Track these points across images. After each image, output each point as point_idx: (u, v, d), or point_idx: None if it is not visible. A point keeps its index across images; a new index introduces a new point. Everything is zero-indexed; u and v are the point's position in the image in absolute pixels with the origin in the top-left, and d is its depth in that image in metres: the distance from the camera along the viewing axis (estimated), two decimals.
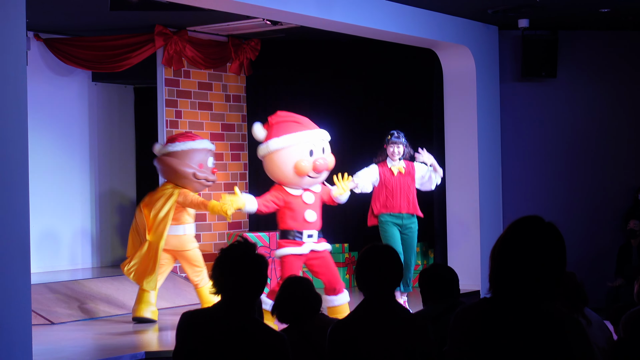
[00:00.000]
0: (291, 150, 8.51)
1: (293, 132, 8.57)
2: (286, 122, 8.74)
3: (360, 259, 4.19)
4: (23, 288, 6.10)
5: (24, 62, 6.29)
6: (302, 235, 8.55)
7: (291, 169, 8.45)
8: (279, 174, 8.58)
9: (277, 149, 8.52)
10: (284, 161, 8.49)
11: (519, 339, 2.92)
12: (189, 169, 9.31)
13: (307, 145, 8.54)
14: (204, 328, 3.66)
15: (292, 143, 8.52)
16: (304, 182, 8.55)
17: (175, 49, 11.24)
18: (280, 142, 8.52)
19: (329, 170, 8.71)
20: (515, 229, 3.04)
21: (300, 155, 8.48)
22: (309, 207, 8.60)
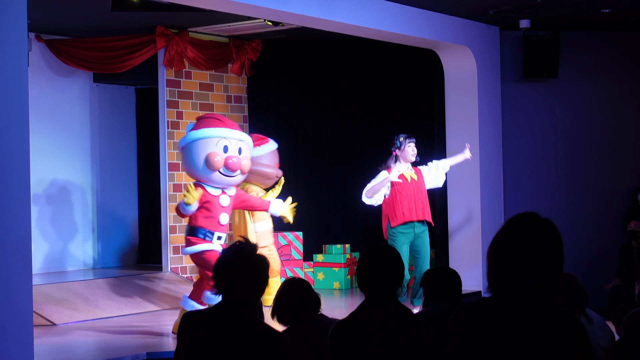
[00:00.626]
0: (205, 142, 8.44)
1: (211, 127, 8.53)
2: (208, 118, 8.77)
3: (361, 260, 4.20)
4: (24, 289, 6.10)
5: (26, 63, 6.29)
6: (212, 236, 8.49)
7: (202, 162, 8.38)
8: (191, 167, 8.51)
9: (192, 140, 8.48)
10: (197, 152, 8.42)
11: (518, 338, 2.91)
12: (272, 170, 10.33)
13: (222, 141, 8.47)
14: (205, 329, 3.66)
15: (207, 135, 8.45)
16: (214, 177, 8.43)
17: (176, 50, 11.24)
18: (196, 133, 8.48)
19: (243, 172, 8.61)
20: (511, 226, 3.02)
21: (213, 149, 8.41)
22: (224, 209, 8.58)
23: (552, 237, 3.00)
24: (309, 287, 4.97)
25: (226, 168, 8.40)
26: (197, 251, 8.44)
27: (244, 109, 12.31)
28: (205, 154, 8.38)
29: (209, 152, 8.38)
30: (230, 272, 3.70)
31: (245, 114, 12.33)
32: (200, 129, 8.52)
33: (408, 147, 9.51)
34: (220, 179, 8.47)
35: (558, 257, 2.99)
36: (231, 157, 8.43)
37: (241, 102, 12.27)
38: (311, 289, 4.96)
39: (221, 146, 8.45)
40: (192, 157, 8.47)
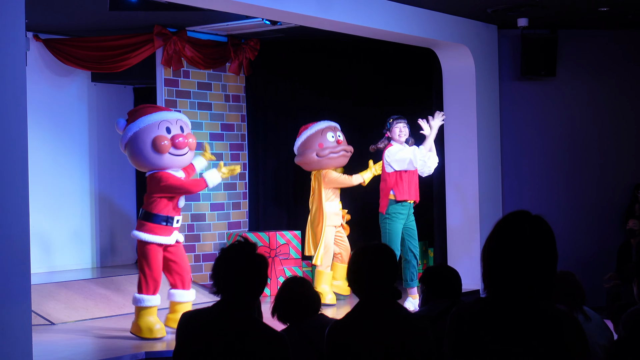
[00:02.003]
0: (147, 130, 8.43)
1: (146, 115, 8.54)
2: (140, 109, 8.77)
3: (353, 260, 4.15)
4: (23, 288, 6.09)
5: (24, 63, 6.28)
6: (173, 221, 8.54)
7: (150, 149, 8.37)
8: (141, 158, 8.48)
9: (134, 131, 8.47)
10: (143, 141, 8.41)
11: (515, 338, 2.91)
12: (312, 153, 10.66)
13: (162, 124, 8.49)
14: (204, 328, 3.66)
15: (146, 122, 8.45)
16: (165, 161, 8.42)
17: (174, 49, 11.23)
18: (136, 124, 8.48)
19: (192, 149, 8.63)
20: (503, 225, 3.02)
21: (157, 133, 8.41)
22: None
23: (544, 234, 3.00)
24: (310, 286, 4.98)
25: (175, 148, 8.42)
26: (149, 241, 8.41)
27: (242, 108, 12.31)
28: (150, 140, 8.38)
29: (153, 137, 8.38)
30: (229, 272, 3.70)
31: (243, 113, 12.32)
32: (138, 119, 8.51)
33: (395, 127, 9.84)
34: (171, 161, 8.48)
35: (551, 253, 2.99)
36: (177, 137, 8.44)
37: (239, 102, 12.26)
38: (312, 288, 4.97)
39: (163, 128, 8.46)
40: (139, 147, 8.43)
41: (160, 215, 8.48)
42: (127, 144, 8.57)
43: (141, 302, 8.43)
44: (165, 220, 8.48)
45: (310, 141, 10.79)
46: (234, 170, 9.13)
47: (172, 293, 8.71)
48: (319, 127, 10.88)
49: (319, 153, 10.67)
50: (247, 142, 12.34)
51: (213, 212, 11.80)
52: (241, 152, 12.26)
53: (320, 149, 10.69)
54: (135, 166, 8.84)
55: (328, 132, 10.84)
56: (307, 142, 10.81)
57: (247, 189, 12.33)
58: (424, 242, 12.11)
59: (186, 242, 11.32)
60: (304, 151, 10.81)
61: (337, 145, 10.81)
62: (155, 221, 8.47)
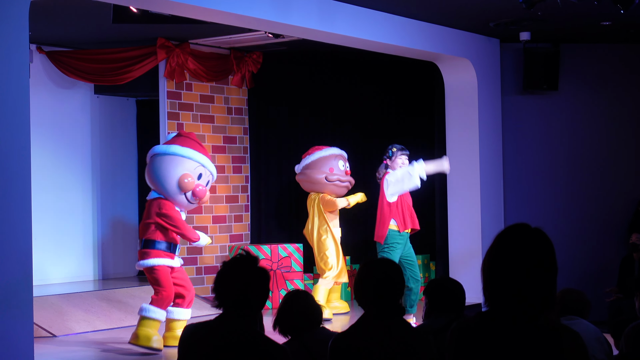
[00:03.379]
0: (185, 162, 8.58)
1: (194, 149, 8.69)
2: (192, 140, 8.89)
3: (360, 273, 4.16)
4: (25, 300, 6.10)
5: (27, 75, 6.30)
6: (176, 249, 8.71)
7: (175, 179, 8.49)
8: (160, 179, 8.56)
9: (173, 153, 8.59)
10: (174, 168, 8.53)
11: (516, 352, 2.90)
12: (320, 175, 10.75)
13: (199, 168, 8.68)
14: (206, 341, 3.65)
15: (190, 156, 8.61)
16: (178, 198, 8.59)
17: (177, 62, 11.26)
18: (180, 149, 8.61)
19: (203, 202, 8.88)
20: (503, 238, 3.02)
21: (191, 171, 8.58)
22: None
23: (544, 247, 2.99)
24: (312, 299, 4.97)
25: (193, 194, 8.57)
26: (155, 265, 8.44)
27: (244, 120, 12.32)
28: (181, 173, 8.50)
29: (185, 173, 8.51)
30: (231, 285, 3.70)
31: (245, 126, 12.34)
32: (185, 147, 8.63)
33: (399, 158, 9.66)
34: (182, 201, 8.63)
35: (551, 266, 2.98)
36: (200, 185, 8.60)
37: (242, 114, 12.28)
38: (313, 300, 4.96)
39: (197, 172, 8.63)
40: (167, 170, 8.54)
41: (163, 241, 8.54)
42: (155, 155, 8.67)
43: (147, 312, 8.40)
44: (168, 248, 8.56)
45: (321, 163, 10.84)
46: None
47: (170, 310, 8.67)
48: (332, 151, 10.96)
49: (329, 177, 10.75)
50: (249, 154, 12.35)
51: (215, 225, 11.80)
52: (243, 165, 12.27)
53: (330, 174, 10.76)
54: (147, 179, 8.82)
55: (340, 160, 10.93)
56: (318, 162, 10.85)
57: (249, 201, 12.34)
58: (425, 255, 12.11)
59: (188, 254, 11.34)
60: (312, 171, 10.83)
61: (345, 176, 10.90)
62: (158, 247, 8.52)
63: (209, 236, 11.66)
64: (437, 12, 10.07)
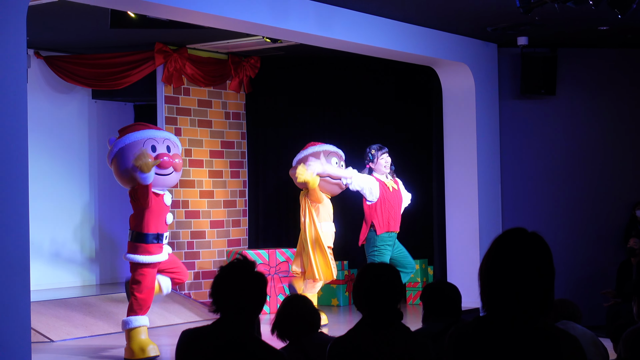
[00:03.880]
0: (132, 147, 8.32)
1: (134, 131, 8.49)
2: (130, 126, 8.74)
3: (359, 278, 4.16)
4: (22, 305, 6.09)
5: (25, 80, 6.30)
6: (162, 238, 8.43)
7: (132, 165, 8.18)
8: (124, 174, 8.37)
9: (119, 147, 8.39)
10: (127, 157, 8.29)
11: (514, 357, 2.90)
12: None
13: (148, 142, 8.39)
14: (203, 346, 3.65)
15: (132, 139, 8.37)
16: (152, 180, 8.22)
17: (175, 67, 11.26)
18: (121, 141, 8.41)
19: (177, 170, 8.50)
20: (500, 243, 3.02)
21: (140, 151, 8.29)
22: (167, 209, 8.54)
23: (541, 251, 2.99)
24: (310, 303, 4.97)
25: (158, 167, 8.26)
26: (145, 262, 8.29)
27: (242, 125, 12.33)
28: (133, 159, 8.21)
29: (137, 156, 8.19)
30: (228, 290, 3.69)
31: (243, 131, 12.34)
32: (125, 135, 8.44)
33: (381, 159, 9.57)
34: (158, 182, 8.32)
35: (548, 270, 2.98)
36: (161, 156, 8.31)
37: (239, 119, 12.29)
38: (312, 305, 4.96)
39: (148, 146, 8.34)
40: (123, 163, 8.30)
41: (151, 233, 8.33)
42: (113, 159, 8.47)
43: (129, 324, 8.27)
44: (156, 238, 8.36)
45: (313, 158, 10.55)
46: None
47: None
48: (327, 147, 10.61)
49: (319, 173, 10.45)
50: (247, 159, 12.35)
51: (213, 230, 11.80)
52: (241, 170, 12.28)
53: None
54: (120, 182, 8.63)
55: (333, 157, 10.56)
56: (310, 157, 10.53)
57: (246, 206, 12.34)
58: (423, 259, 12.11)
59: (185, 259, 11.33)
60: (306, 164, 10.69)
61: None
62: (146, 241, 8.31)
63: (206, 241, 11.67)
64: (435, 16, 10.08)
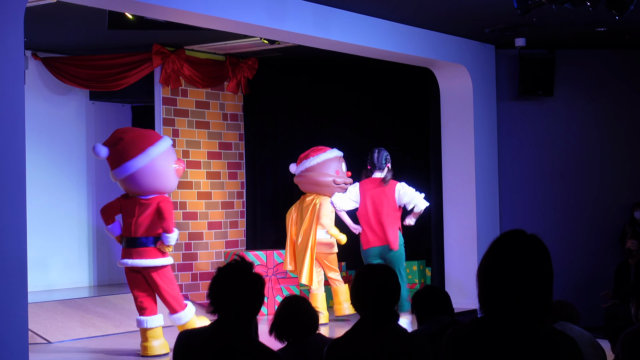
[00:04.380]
0: (165, 156, 8.68)
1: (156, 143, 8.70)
2: (136, 135, 8.79)
3: (356, 279, 4.17)
4: (20, 307, 6.08)
5: (22, 81, 6.29)
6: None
7: (173, 173, 8.68)
8: (162, 182, 8.65)
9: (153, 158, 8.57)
10: (165, 166, 8.63)
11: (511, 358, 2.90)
12: (329, 178, 10.63)
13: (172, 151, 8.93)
14: (201, 347, 3.64)
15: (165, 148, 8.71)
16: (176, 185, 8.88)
17: (172, 68, 11.25)
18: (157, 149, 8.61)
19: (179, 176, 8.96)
20: (498, 245, 3.01)
21: (173, 159, 8.78)
22: None
23: (539, 253, 2.98)
24: (309, 304, 4.97)
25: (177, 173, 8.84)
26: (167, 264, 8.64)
27: (240, 126, 12.32)
28: (170, 167, 8.67)
29: (175, 160, 8.78)
30: (226, 291, 3.69)
31: (241, 132, 12.33)
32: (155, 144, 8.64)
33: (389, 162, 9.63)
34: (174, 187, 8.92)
35: (547, 272, 2.97)
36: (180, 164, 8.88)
37: (237, 120, 12.27)
38: (310, 306, 4.96)
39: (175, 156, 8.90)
40: (163, 172, 8.61)
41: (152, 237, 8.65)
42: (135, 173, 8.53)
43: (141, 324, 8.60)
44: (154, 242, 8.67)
45: (326, 165, 10.72)
46: None
47: None
48: (336, 153, 10.86)
49: (336, 180, 10.63)
50: (244, 160, 12.34)
51: (210, 231, 11.79)
52: (239, 171, 12.26)
53: (337, 176, 10.67)
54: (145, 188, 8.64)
55: (342, 162, 10.86)
56: (324, 165, 10.72)
57: (244, 207, 12.32)
58: (421, 261, 12.10)
59: (183, 260, 11.32)
60: (316, 173, 10.70)
61: (348, 178, 10.79)
62: None
63: (204, 242, 11.67)
64: (433, 18, 10.08)
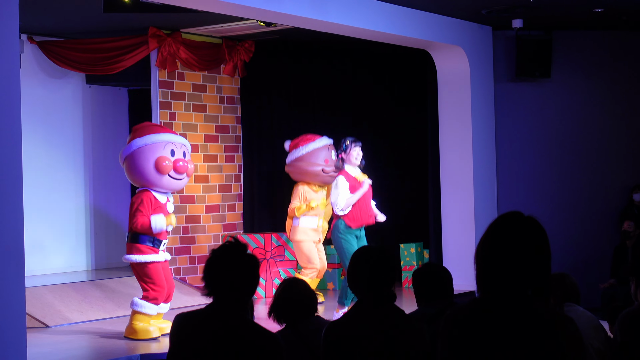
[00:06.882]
0: (152, 148, 8.64)
1: (154, 133, 8.76)
2: (148, 126, 8.99)
3: (353, 261, 4.18)
4: (17, 291, 6.08)
5: (18, 65, 6.27)
6: (160, 244, 8.62)
7: (152, 167, 8.57)
8: (140, 173, 8.63)
9: (138, 147, 8.65)
10: (146, 158, 8.60)
11: (510, 339, 2.90)
12: (317, 167, 10.63)
13: (168, 145, 8.71)
14: (197, 330, 3.64)
15: (153, 140, 8.67)
16: (164, 182, 8.62)
17: (169, 51, 11.22)
18: (142, 140, 8.67)
19: (189, 174, 8.87)
20: (496, 227, 3.02)
21: (162, 153, 8.64)
22: (168, 214, 8.73)
23: (537, 235, 2.99)
24: (308, 286, 4.98)
25: (175, 171, 8.65)
26: (143, 261, 8.49)
27: (236, 109, 12.30)
28: (154, 159, 8.58)
29: (158, 157, 8.59)
30: (220, 273, 3.68)
31: (238, 115, 12.31)
32: (145, 135, 8.69)
33: (353, 150, 9.57)
34: (169, 183, 8.69)
35: (545, 254, 2.98)
36: (179, 160, 8.67)
37: (234, 103, 12.25)
38: (309, 288, 4.97)
39: (168, 150, 8.69)
40: (141, 163, 8.60)
41: (147, 235, 8.53)
42: (127, 157, 8.70)
43: (138, 307, 8.48)
44: (151, 242, 8.56)
45: (315, 154, 10.69)
46: None
47: None
48: (326, 142, 10.82)
49: (325, 169, 10.59)
50: (241, 144, 12.33)
51: (208, 214, 11.79)
52: (236, 154, 12.25)
53: (327, 165, 10.62)
54: (130, 180, 8.93)
55: (332, 150, 10.75)
56: (312, 154, 10.69)
57: (242, 190, 12.32)
58: (418, 243, 12.11)
59: (181, 244, 11.33)
60: (306, 163, 10.68)
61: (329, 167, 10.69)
62: (142, 242, 8.53)
63: (202, 225, 11.66)
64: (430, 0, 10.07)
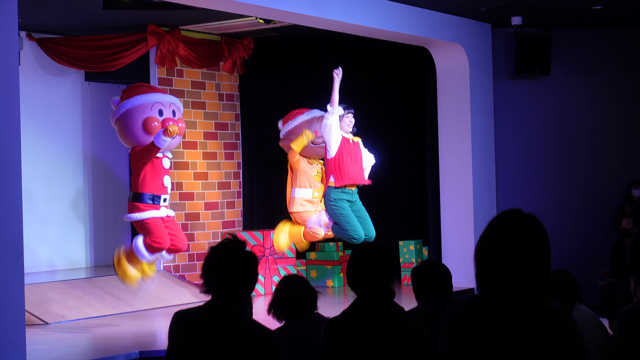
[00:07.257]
0: (140, 109, 8.73)
1: (142, 94, 8.83)
2: (137, 87, 9.07)
3: (352, 258, 4.16)
4: (16, 288, 6.08)
5: (17, 62, 6.27)
6: (159, 199, 8.80)
7: (140, 128, 8.67)
8: (130, 135, 8.75)
9: (126, 108, 8.74)
10: (134, 119, 8.70)
11: (509, 336, 2.90)
12: None
13: (156, 105, 8.78)
14: (195, 327, 3.64)
15: (140, 101, 8.74)
16: (157, 142, 8.63)
17: (168, 48, 11.22)
18: (129, 102, 8.76)
19: (180, 134, 8.85)
20: (496, 224, 3.02)
21: (149, 113, 8.72)
22: (166, 172, 8.89)
23: (537, 232, 2.99)
24: (308, 284, 4.98)
25: (165, 131, 8.64)
26: (143, 218, 8.72)
27: (236, 107, 12.29)
28: (141, 120, 8.68)
29: (145, 117, 8.69)
30: (219, 270, 3.68)
31: (237, 112, 12.30)
32: (133, 97, 8.80)
33: (346, 117, 9.79)
34: (161, 144, 8.69)
35: (544, 251, 2.98)
36: (167, 120, 8.70)
37: (233, 100, 12.25)
38: (309, 286, 4.97)
39: (156, 110, 8.77)
40: (130, 125, 8.73)
41: (146, 194, 8.72)
42: (118, 119, 8.84)
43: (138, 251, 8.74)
44: (151, 199, 8.73)
45: (304, 127, 10.58)
46: None
47: None
48: (315, 114, 10.69)
49: (314, 141, 10.46)
50: (241, 141, 12.32)
51: (207, 212, 11.78)
52: (235, 151, 12.25)
53: (316, 137, 10.48)
54: (122, 141, 9.07)
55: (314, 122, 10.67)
56: (302, 126, 10.57)
57: (241, 187, 12.32)
58: (417, 240, 12.11)
59: None
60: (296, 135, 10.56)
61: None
62: (143, 200, 8.73)
63: (201, 223, 11.67)
64: None
